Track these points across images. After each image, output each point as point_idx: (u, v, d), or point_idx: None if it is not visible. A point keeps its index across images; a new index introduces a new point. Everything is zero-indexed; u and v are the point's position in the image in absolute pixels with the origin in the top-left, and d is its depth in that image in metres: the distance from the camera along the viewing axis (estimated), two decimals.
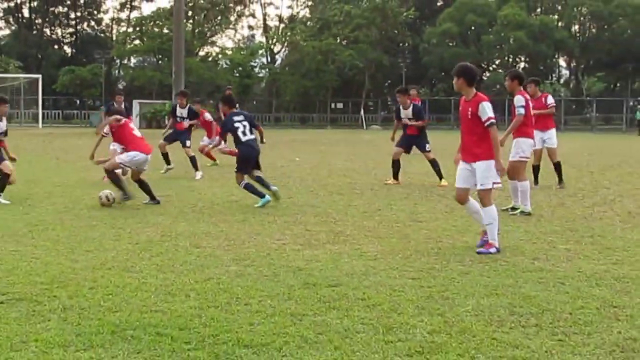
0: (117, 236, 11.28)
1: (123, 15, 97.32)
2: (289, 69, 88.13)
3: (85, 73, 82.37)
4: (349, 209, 14.58)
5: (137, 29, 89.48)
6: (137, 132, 15.34)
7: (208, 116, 22.37)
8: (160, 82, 77.42)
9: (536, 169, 18.26)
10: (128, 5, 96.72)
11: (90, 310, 7.24)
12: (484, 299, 7.78)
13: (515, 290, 8.12)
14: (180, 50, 70.12)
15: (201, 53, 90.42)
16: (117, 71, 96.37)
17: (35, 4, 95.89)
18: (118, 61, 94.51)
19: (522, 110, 14.06)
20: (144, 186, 15.10)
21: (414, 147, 19.51)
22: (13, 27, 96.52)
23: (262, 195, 14.86)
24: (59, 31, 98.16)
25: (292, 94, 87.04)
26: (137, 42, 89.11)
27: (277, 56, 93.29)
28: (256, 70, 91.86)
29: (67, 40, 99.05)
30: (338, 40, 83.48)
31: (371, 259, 9.77)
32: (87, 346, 6.26)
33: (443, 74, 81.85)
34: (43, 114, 67.90)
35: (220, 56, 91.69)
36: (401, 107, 19.45)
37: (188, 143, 21.10)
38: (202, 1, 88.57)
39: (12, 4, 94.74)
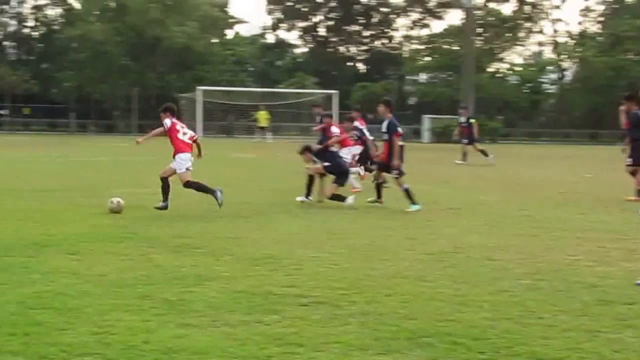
0: (411, 246, 11.54)
1: (414, 33, 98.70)
2: (578, 84, 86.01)
3: (378, 89, 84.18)
4: None
5: (428, 46, 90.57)
6: (182, 136, 15.49)
7: (335, 129, 21.79)
8: (450, 98, 77.80)
9: None
10: (419, 23, 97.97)
11: (388, 317, 7.49)
12: None
13: None
14: (469, 67, 70.44)
15: (490, 69, 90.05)
16: (408, 87, 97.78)
17: (331, 23, 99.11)
18: (409, 77, 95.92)
19: None
20: (166, 187, 15.19)
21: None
22: (310, 45, 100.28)
23: (415, 202, 15.88)
24: (352, 48, 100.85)
25: (581, 110, 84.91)
26: (427, 58, 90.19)
27: (566, 72, 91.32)
28: (545, 86, 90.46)
29: (360, 58, 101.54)
30: (630, 56, 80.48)
31: None
32: (385, 350, 6.49)
33: None
34: None
35: (509, 72, 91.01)
36: (625, 114, 18.79)
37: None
38: (491, 18, 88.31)
39: (309, 24, 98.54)
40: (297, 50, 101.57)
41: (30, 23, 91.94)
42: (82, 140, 57.22)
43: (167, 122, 15.39)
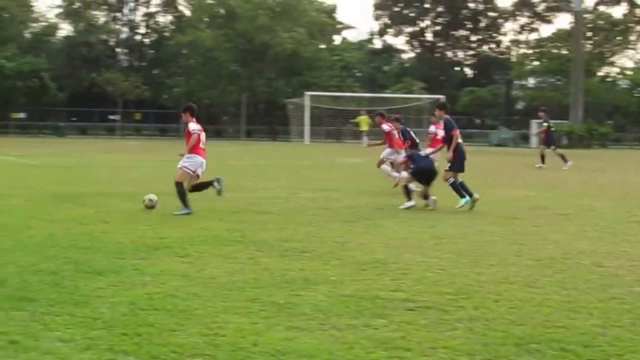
0: (519, 252, 11.42)
1: (522, 37, 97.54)
2: None
3: (485, 93, 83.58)
4: None
5: (536, 50, 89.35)
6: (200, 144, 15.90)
7: (386, 127, 21.58)
8: (559, 103, 76.58)
9: None
10: (527, 28, 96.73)
11: (495, 322, 7.44)
12: None
13: None
14: (578, 71, 69.12)
15: (600, 73, 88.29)
16: (516, 92, 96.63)
17: (438, 28, 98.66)
18: (517, 82, 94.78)
19: None
20: (198, 187, 15.92)
21: None
22: (417, 51, 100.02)
23: (463, 195, 16.62)
24: (460, 53, 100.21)
25: None
26: (535, 63, 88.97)
27: None
28: None
29: (467, 62, 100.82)
30: None
31: None
32: (493, 356, 6.46)
33: None
34: None
35: (619, 76, 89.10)
36: None
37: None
38: (601, 22, 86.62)
39: (417, 29, 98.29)
40: (404, 56, 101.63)
41: (142, 30, 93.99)
42: None
43: (193, 126, 15.68)
